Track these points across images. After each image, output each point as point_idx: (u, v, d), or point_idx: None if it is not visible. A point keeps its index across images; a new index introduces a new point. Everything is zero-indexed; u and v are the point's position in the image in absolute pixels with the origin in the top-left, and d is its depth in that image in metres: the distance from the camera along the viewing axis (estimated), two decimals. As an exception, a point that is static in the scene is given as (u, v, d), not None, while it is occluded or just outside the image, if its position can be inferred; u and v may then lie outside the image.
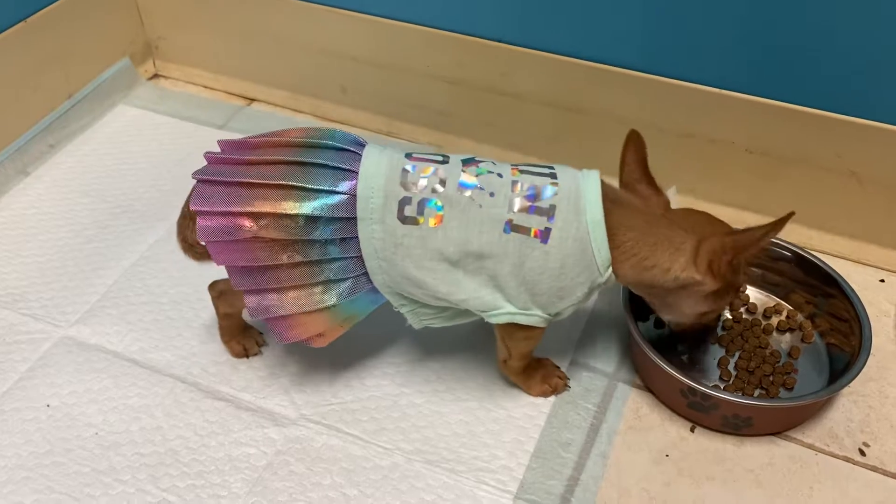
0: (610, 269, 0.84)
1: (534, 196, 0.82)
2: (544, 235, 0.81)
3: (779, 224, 0.81)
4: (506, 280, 0.83)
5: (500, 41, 1.20)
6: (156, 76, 1.53)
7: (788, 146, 1.11)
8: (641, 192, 0.88)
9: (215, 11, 1.40)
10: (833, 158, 1.09)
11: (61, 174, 1.31)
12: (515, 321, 0.86)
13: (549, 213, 0.82)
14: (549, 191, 0.83)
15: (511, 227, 0.82)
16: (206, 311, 1.06)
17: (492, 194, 0.82)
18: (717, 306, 0.90)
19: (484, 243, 0.82)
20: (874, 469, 0.92)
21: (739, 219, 1.18)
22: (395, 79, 1.32)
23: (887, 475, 0.92)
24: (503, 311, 0.85)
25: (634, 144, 0.88)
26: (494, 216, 0.82)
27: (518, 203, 0.82)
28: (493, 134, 1.29)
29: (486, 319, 0.87)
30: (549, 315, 0.87)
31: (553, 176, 0.84)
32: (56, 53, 1.34)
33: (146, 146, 1.36)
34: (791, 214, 0.80)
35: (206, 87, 1.50)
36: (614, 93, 1.17)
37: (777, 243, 1.06)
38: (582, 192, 0.83)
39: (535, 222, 0.82)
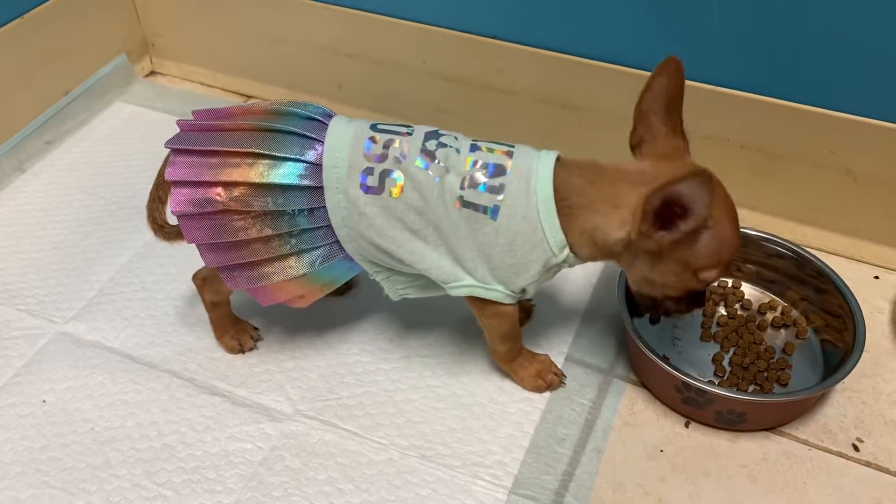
0: (566, 250, 0.84)
1: (488, 173, 0.84)
2: (493, 212, 0.83)
3: (688, 174, 0.72)
4: (461, 253, 0.85)
5: (496, 38, 1.20)
6: (152, 73, 1.53)
7: (783, 143, 1.11)
8: (653, 126, 0.83)
9: (212, 9, 1.40)
10: (827, 155, 1.09)
11: (58, 171, 1.31)
12: (475, 294, 0.87)
13: (499, 190, 0.83)
14: (502, 169, 0.84)
15: (463, 202, 0.83)
16: (202, 306, 1.05)
17: (448, 169, 0.84)
18: (659, 279, 0.84)
19: (440, 216, 0.84)
20: (868, 464, 0.93)
21: (734, 215, 1.19)
22: (391, 76, 1.32)
23: (881, 470, 0.92)
24: (463, 283, 0.86)
25: (669, 74, 0.81)
26: (448, 190, 0.83)
27: (471, 179, 0.83)
28: (489, 131, 1.27)
29: (449, 292, 0.88)
30: (513, 291, 0.87)
31: (510, 155, 0.85)
32: (52, 50, 1.34)
33: (142, 143, 1.36)
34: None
35: (202, 84, 1.51)
36: (610, 90, 1.17)
37: (772, 240, 1.06)
38: (534, 171, 0.83)
39: (486, 199, 0.83)
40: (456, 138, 0.87)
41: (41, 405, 0.98)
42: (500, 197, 0.83)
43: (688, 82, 1.10)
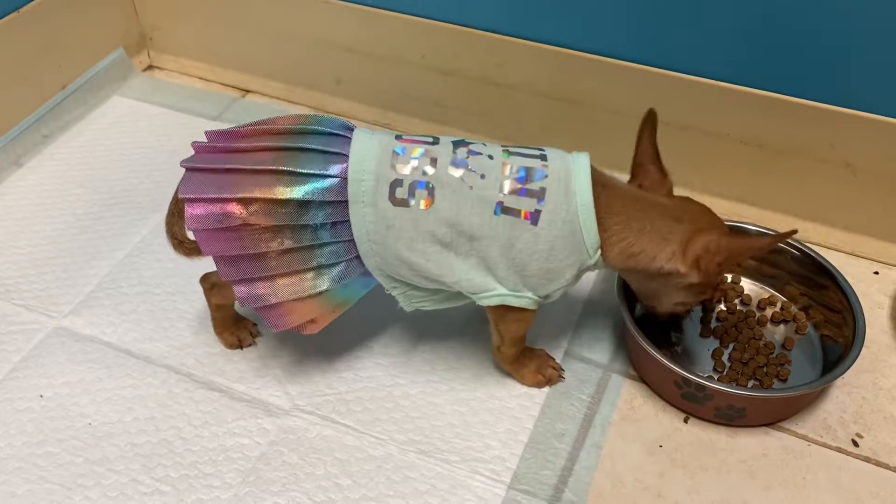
0: (599, 253, 0.84)
1: (524, 178, 0.83)
2: (534, 217, 0.82)
3: (779, 238, 0.84)
4: (496, 262, 0.84)
5: (494, 32, 1.20)
6: (150, 67, 1.53)
7: (783, 138, 1.11)
8: (650, 174, 0.89)
9: (210, 3, 1.39)
10: (827, 150, 1.09)
11: (55, 165, 1.30)
12: (506, 303, 0.86)
13: (540, 195, 0.82)
14: (539, 173, 0.83)
15: (502, 208, 0.82)
16: (200, 301, 1.05)
17: (482, 176, 0.82)
18: (692, 299, 0.91)
19: (475, 225, 0.82)
20: (867, 460, 0.93)
21: (735, 211, 1.19)
22: (389, 70, 1.31)
23: (880, 466, 0.92)
24: (494, 292, 0.85)
25: (651, 124, 0.88)
26: (485, 198, 0.82)
27: (508, 185, 0.82)
28: (488, 125, 1.29)
29: (478, 302, 0.87)
30: (540, 297, 0.87)
31: (543, 158, 0.84)
32: (50, 44, 1.33)
33: (140, 137, 1.36)
34: (794, 231, 0.83)
35: (200, 78, 1.50)
36: (609, 84, 1.16)
37: (771, 235, 1.06)
38: (572, 174, 0.83)
39: (526, 204, 0.82)
40: (484, 145, 0.86)
41: (38, 400, 0.98)
42: (542, 202, 0.82)
43: (687, 77, 1.11)
